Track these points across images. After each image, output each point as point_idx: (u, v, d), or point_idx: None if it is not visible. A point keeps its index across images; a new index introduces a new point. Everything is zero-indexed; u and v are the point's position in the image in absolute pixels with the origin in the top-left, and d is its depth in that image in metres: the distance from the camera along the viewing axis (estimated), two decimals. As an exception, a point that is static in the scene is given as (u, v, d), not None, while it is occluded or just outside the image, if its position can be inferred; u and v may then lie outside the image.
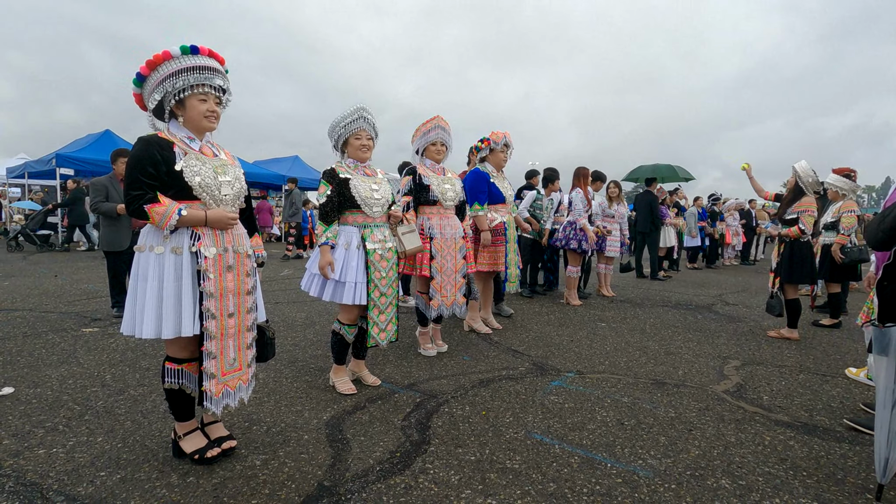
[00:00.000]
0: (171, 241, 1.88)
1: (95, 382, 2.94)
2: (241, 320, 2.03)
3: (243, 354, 2.05)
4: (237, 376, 2.04)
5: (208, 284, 1.90)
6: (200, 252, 1.89)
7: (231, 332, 1.99)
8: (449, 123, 3.55)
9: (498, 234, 4.24)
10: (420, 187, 3.45)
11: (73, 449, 2.14)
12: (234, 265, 2.00)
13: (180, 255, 1.89)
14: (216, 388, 1.95)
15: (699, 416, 2.66)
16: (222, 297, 1.94)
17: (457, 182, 3.61)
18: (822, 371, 3.53)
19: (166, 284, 1.86)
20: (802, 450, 2.30)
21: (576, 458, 2.17)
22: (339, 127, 2.80)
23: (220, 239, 1.96)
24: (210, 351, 1.92)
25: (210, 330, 1.91)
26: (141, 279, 1.88)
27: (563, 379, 3.20)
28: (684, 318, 5.27)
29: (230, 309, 1.97)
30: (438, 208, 3.48)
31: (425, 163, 3.56)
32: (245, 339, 2.06)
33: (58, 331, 4.09)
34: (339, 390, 2.84)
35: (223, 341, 1.96)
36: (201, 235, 1.91)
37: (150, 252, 1.88)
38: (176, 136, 1.95)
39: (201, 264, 1.89)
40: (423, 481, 1.96)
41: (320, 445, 2.22)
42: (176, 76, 1.88)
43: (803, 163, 4.32)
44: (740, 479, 2.03)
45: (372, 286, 2.77)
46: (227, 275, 1.97)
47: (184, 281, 1.88)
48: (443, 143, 3.51)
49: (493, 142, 4.28)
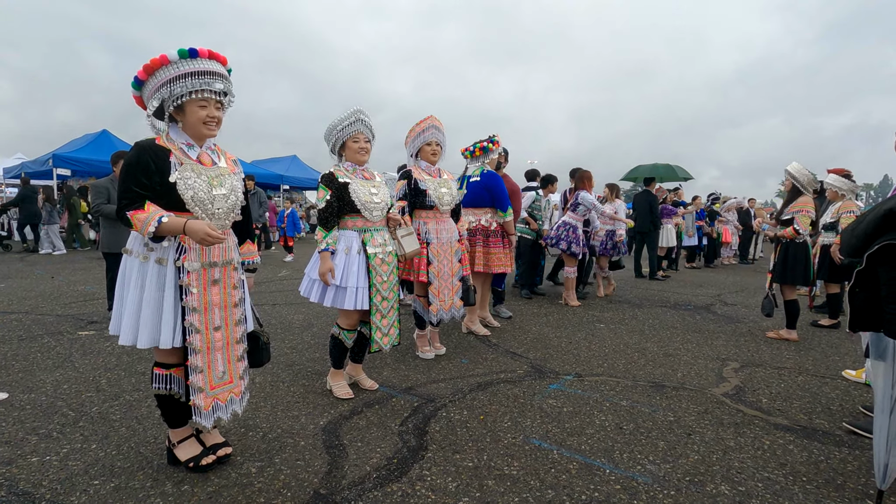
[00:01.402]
0: (157, 252, 1.85)
1: (90, 387, 2.92)
2: (228, 333, 1.99)
3: (233, 367, 2.02)
4: (228, 389, 2.00)
5: (191, 299, 1.86)
6: (184, 267, 1.85)
7: (219, 346, 1.95)
8: (443, 123, 3.50)
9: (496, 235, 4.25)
10: (416, 192, 3.40)
11: (67, 456, 2.12)
12: (221, 278, 1.96)
13: (164, 266, 1.86)
14: (205, 401, 1.92)
15: (698, 419, 2.64)
16: (207, 310, 1.90)
17: (453, 184, 3.56)
18: (821, 373, 3.52)
19: (147, 293, 1.83)
20: (802, 454, 2.29)
21: (574, 464, 2.15)
22: (336, 130, 2.76)
23: (207, 253, 1.92)
24: (196, 365, 1.89)
25: (194, 344, 1.87)
26: (125, 282, 1.86)
27: (562, 382, 3.19)
28: (683, 318, 5.25)
29: (216, 322, 1.94)
30: (435, 212, 3.44)
31: (420, 165, 3.50)
32: (235, 351, 2.02)
33: (53, 334, 4.07)
34: (336, 395, 2.82)
35: (210, 355, 1.92)
36: (187, 249, 1.87)
37: (135, 258, 1.86)
38: (174, 143, 1.90)
39: (184, 279, 1.85)
40: (421, 489, 1.94)
41: (317, 452, 2.20)
42: (174, 82, 1.82)
43: (795, 164, 4.32)
44: (739, 484, 2.02)
45: (374, 290, 2.75)
46: (212, 288, 1.93)
47: (165, 292, 1.85)
48: (438, 143, 3.45)
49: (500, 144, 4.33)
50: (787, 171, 4.30)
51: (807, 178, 4.23)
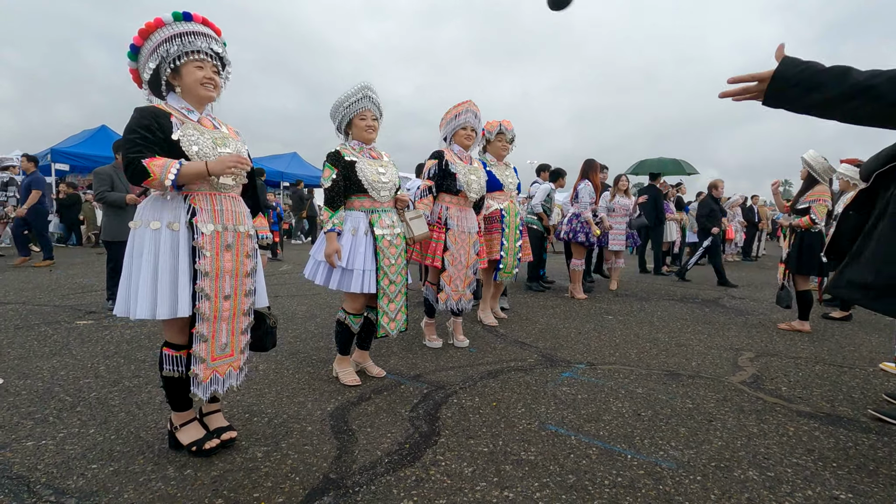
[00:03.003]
0: (167, 216, 1.77)
1: (89, 374, 2.82)
2: (237, 303, 1.91)
3: (236, 339, 1.93)
4: (228, 362, 1.92)
5: (204, 263, 1.78)
6: (197, 227, 1.78)
7: (225, 315, 1.87)
8: (479, 108, 3.43)
9: (493, 220, 4.13)
10: (446, 174, 3.31)
11: (64, 441, 2.03)
12: (234, 244, 1.88)
13: (176, 231, 1.77)
14: (204, 372, 1.83)
15: (718, 406, 2.56)
16: (218, 277, 1.83)
17: (482, 174, 3.50)
18: (839, 362, 3.43)
19: (161, 261, 1.74)
20: (829, 440, 2.20)
21: (594, 450, 2.06)
22: (342, 107, 2.67)
23: (220, 216, 1.84)
24: (202, 333, 1.80)
25: (203, 311, 1.79)
26: (136, 256, 1.76)
27: (574, 370, 3.10)
28: (692, 311, 5.17)
29: (226, 290, 1.86)
30: (460, 199, 3.36)
31: (453, 149, 3.42)
32: (240, 323, 1.94)
33: (51, 323, 3.97)
34: (342, 381, 2.73)
35: (216, 324, 1.84)
36: (199, 210, 1.79)
37: (145, 228, 1.77)
38: (174, 108, 1.84)
39: (197, 240, 1.77)
40: (435, 473, 1.85)
41: (325, 437, 2.11)
42: (170, 41, 1.77)
43: (811, 151, 4.24)
44: (768, 470, 1.93)
45: (381, 274, 2.65)
46: (224, 254, 1.85)
47: (180, 258, 1.76)
48: (473, 128, 3.39)
49: (486, 132, 4.19)
50: (803, 158, 4.23)
51: (822, 166, 4.15)
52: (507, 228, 4.13)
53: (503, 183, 4.17)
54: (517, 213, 4.26)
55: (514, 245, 4.19)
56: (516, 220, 4.23)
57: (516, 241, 4.22)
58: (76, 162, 11.87)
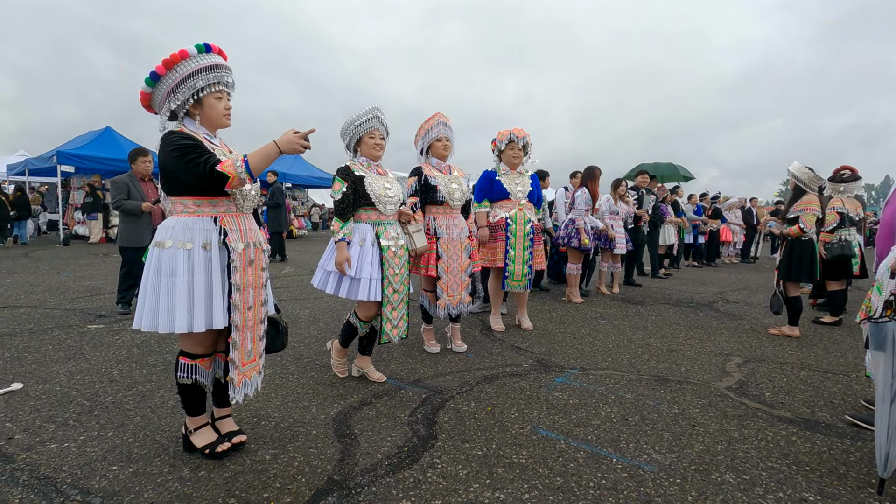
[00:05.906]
0: (199, 237, 1.92)
1: (103, 378, 2.96)
2: (256, 313, 2.08)
3: (256, 346, 2.11)
4: (252, 367, 2.09)
5: (237, 277, 1.96)
6: (230, 246, 1.95)
7: (249, 325, 2.04)
8: (450, 119, 3.55)
9: (498, 229, 4.24)
10: (427, 188, 3.45)
11: (85, 443, 2.17)
12: (255, 259, 2.06)
13: (209, 250, 1.93)
14: (238, 377, 2.01)
15: (702, 412, 2.69)
16: (243, 290, 2.00)
17: (463, 180, 3.61)
18: (824, 368, 3.56)
19: (197, 279, 1.90)
20: (805, 445, 2.33)
21: (581, 453, 2.19)
22: (353, 126, 2.85)
23: (245, 235, 2.02)
24: (236, 342, 1.98)
25: (237, 322, 1.97)
26: (166, 275, 1.89)
27: (567, 375, 3.23)
28: (686, 315, 5.29)
29: (249, 302, 2.03)
30: (445, 208, 3.49)
31: (431, 161, 3.55)
32: (258, 331, 2.11)
33: (63, 327, 4.11)
34: (333, 367, 3.05)
35: (243, 333, 2.01)
36: (229, 231, 1.96)
37: (177, 249, 1.90)
38: (198, 133, 1.98)
39: (233, 258, 1.95)
40: (432, 475, 1.99)
41: (328, 440, 2.25)
42: (195, 75, 1.91)
43: (796, 163, 4.36)
44: (744, 473, 2.06)
45: (386, 283, 2.81)
46: (248, 269, 2.02)
47: (213, 274, 1.93)
48: (447, 138, 3.52)
49: (498, 141, 4.33)
50: (789, 170, 4.35)
51: (808, 176, 4.27)
52: (512, 237, 4.17)
53: (510, 191, 4.24)
54: (527, 221, 4.23)
55: (523, 253, 4.19)
56: (526, 228, 4.21)
57: (526, 249, 4.21)
58: (81, 163, 12.02)
